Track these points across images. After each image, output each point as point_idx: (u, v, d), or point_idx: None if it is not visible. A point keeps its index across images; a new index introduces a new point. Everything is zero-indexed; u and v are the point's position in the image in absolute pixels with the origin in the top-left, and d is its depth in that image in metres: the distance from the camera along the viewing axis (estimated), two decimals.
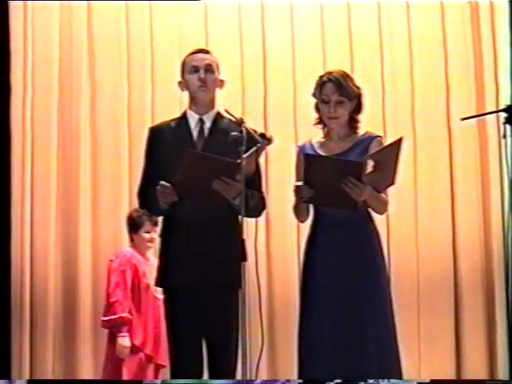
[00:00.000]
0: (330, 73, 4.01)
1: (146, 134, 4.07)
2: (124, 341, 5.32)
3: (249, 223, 3.79)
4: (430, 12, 6.42)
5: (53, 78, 6.31)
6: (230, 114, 3.79)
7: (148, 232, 5.52)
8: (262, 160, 4.03)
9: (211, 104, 4.00)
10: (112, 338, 5.41)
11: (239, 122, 3.73)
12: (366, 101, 4.13)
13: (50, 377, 6.01)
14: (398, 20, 6.43)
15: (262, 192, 4.02)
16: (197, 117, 3.97)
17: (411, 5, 6.41)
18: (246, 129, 3.70)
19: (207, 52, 4.05)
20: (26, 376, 6.03)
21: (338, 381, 3.98)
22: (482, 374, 6.18)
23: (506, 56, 6.20)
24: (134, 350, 5.36)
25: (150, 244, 5.55)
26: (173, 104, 5.80)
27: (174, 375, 3.95)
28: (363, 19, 6.41)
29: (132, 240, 5.62)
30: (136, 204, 4.17)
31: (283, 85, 6.36)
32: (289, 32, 6.41)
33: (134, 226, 5.57)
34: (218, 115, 3.99)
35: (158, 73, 6.33)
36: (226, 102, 4.10)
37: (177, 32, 6.37)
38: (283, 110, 6.35)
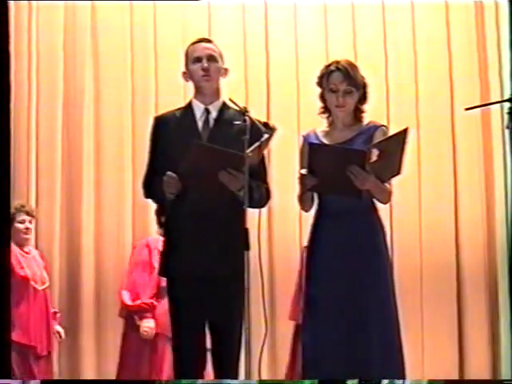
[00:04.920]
0: (337, 62, 3.98)
1: (149, 125, 4.07)
2: None
3: (252, 213, 3.78)
4: (435, 8, 6.43)
5: (57, 73, 6.34)
6: (235, 103, 3.78)
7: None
8: (265, 150, 4.01)
9: (216, 93, 3.98)
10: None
11: (243, 111, 3.72)
12: (371, 91, 4.11)
13: (55, 376, 5.98)
14: (402, 16, 6.44)
15: (267, 183, 4.02)
16: (202, 107, 3.95)
17: (415, 3, 6.43)
18: (250, 118, 3.69)
19: (209, 41, 4.04)
20: None
21: (354, 381, 3.97)
22: (485, 366, 6.20)
23: (507, 53, 6.24)
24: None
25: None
26: (176, 97, 5.82)
27: (176, 365, 3.93)
28: (367, 14, 6.43)
29: None
30: (140, 194, 4.16)
31: (286, 75, 6.37)
32: (292, 22, 6.42)
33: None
34: (224, 105, 3.97)
35: (162, 68, 6.35)
36: (229, 92, 4.09)
37: (180, 24, 6.38)
38: (286, 100, 6.36)
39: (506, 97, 5.97)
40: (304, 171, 3.81)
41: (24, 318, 5.39)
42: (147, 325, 5.32)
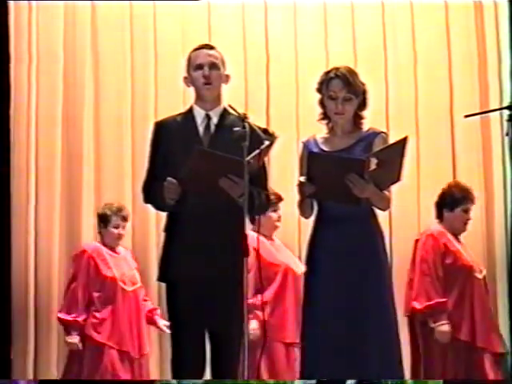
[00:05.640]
0: (336, 69, 3.99)
1: (149, 131, 4.08)
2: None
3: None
4: (434, 10, 6.43)
5: (57, 75, 6.31)
6: (234, 110, 3.79)
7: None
8: (266, 157, 4.01)
9: (217, 100, 3.99)
10: None
11: (242, 118, 3.73)
12: (370, 97, 4.12)
13: (53, 377, 5.97)
14: (401, 18, 6.45)
15: (267, 190, 4.03)
16: (203, 112, 3.96)
17: (415, 4, 6.43)
18: (250, 124, 3.70)
19: (211, 48, 4.03)
20: (30, 376, 6.00)
21: (352, 381, 3.97)
22: None
23: (507, 55, 6.24)
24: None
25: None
26: (176, 101, 5.82)
27: (176, 369, 3.94)
28: (367, 15, 6.44)
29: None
30: (139, 198, 4.17)
31: (286, 81, 6.38)
32: (292, 28, 6.43)
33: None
34: (225, 111, 3.97)
35: (162, 70, 6.35)
36: (229, 98, 4.10)
37: (180, 28, 6.39)
38: (286, 106, 6.36)
39: (506, 102, 6.02)
40: (303, 178, 3.82)
41: (113, 320, 5.39)
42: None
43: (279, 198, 5.42)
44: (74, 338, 5.35)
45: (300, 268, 5.17)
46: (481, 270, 5.38)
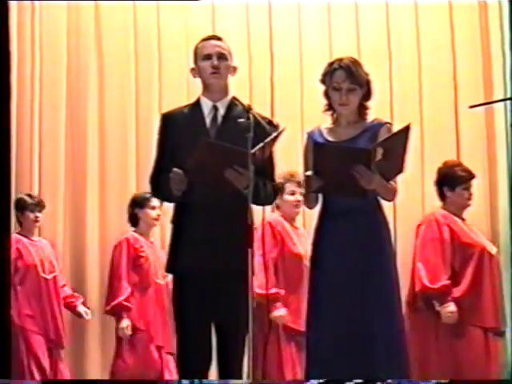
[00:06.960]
0: (340, 60, 3.98)
1: (153, 125, 4.08)
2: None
3: (256, 209, 3.78)
4: (438, 8, 6.44)
5: (61, 72, 6.33)
6: (239, 101, 3.79)
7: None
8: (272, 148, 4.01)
9: (225, 91, 3.98)
10: None
11: (247, 109, 3.73)
12: (374, 88, 4.11)
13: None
14: (406, 14, 6.46)
15: (274, 180, 4.02)
16: (210, 103, 3.96)
17: (419, 2, 6.44)
18: (254, 116, 3.70)
19: (219, 39, 4.03)
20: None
21: (358, 381, 3.97)
22: None
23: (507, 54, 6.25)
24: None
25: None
26: (180, 95, 5.82)
27: (181, 362, 3.94)
28: (371, 13, 6.44)
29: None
30: (143, 190, 4.17)
31: (290, 73, 6.39)
32: (296, 20, 6.43)
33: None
34: (232, 102, 3.97)
35: (166, 66, 6.37)
36: (233, 89, 4.09)
37: (183, 23, 6.40)
38: (290, 98, 6.37)
39: (510, 92, 6.02)
40: (309, 173, 3.81)
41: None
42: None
43: (471, 175, 5.30)
44: None
45: (493, 249, 5.25)
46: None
